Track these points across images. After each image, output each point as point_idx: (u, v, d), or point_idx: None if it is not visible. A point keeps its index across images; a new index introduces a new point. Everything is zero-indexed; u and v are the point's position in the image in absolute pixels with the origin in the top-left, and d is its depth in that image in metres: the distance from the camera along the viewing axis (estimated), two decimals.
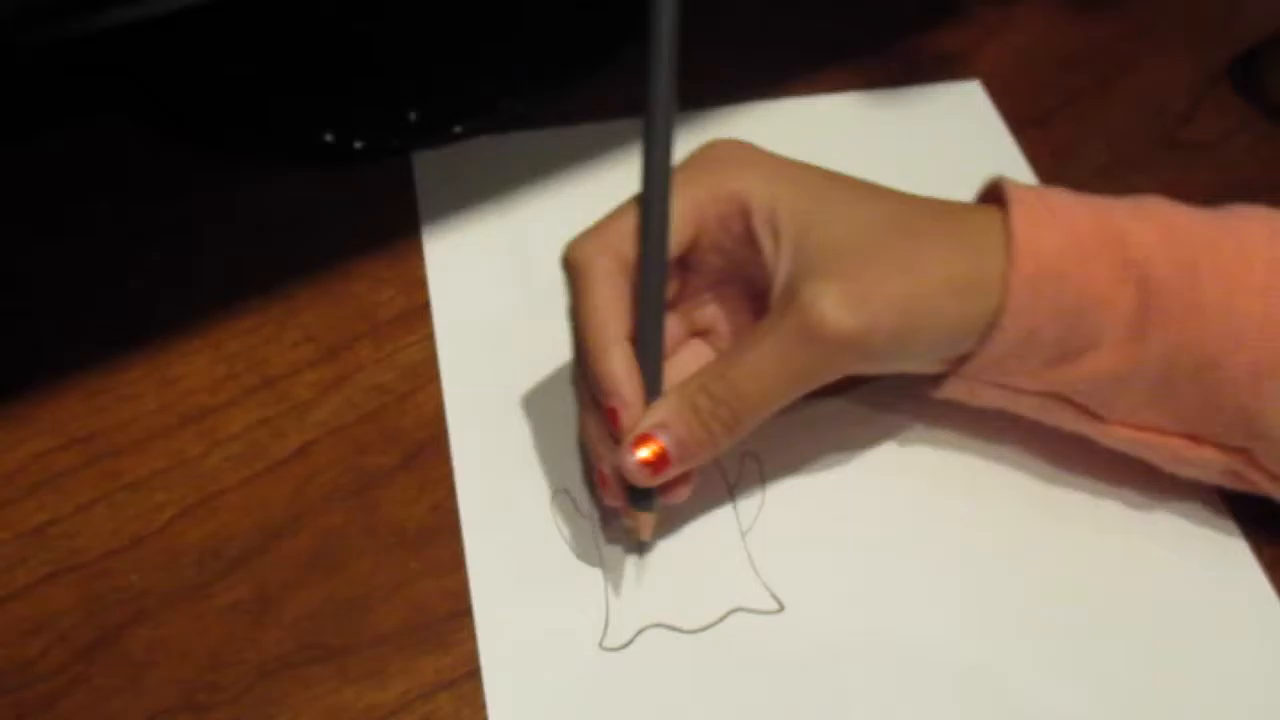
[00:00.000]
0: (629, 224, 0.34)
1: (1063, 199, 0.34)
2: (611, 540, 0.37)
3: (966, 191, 0.37)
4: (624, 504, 0.35)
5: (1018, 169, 0.49)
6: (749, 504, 0.39)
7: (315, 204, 0.46)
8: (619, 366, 0.33)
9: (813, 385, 0.33)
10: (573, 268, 0.34)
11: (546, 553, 0.37)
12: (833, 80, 0.52)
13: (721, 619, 0.36)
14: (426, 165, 0.48)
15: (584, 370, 0.34)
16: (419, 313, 0.43)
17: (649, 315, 0.33)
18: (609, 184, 0.45)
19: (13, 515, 0.38)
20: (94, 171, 0.47)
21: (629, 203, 0.35)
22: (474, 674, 0.35)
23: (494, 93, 0.50)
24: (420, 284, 0.44)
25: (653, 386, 0.34)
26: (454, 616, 0.36)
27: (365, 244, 0.45)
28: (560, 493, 0.38)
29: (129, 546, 0.37)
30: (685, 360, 0.37)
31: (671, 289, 0.36)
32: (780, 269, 0.33)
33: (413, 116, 0.49)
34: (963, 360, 0.35)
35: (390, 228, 0.46)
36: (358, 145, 0.48)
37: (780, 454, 0.39)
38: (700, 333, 0.39)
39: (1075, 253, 0.33)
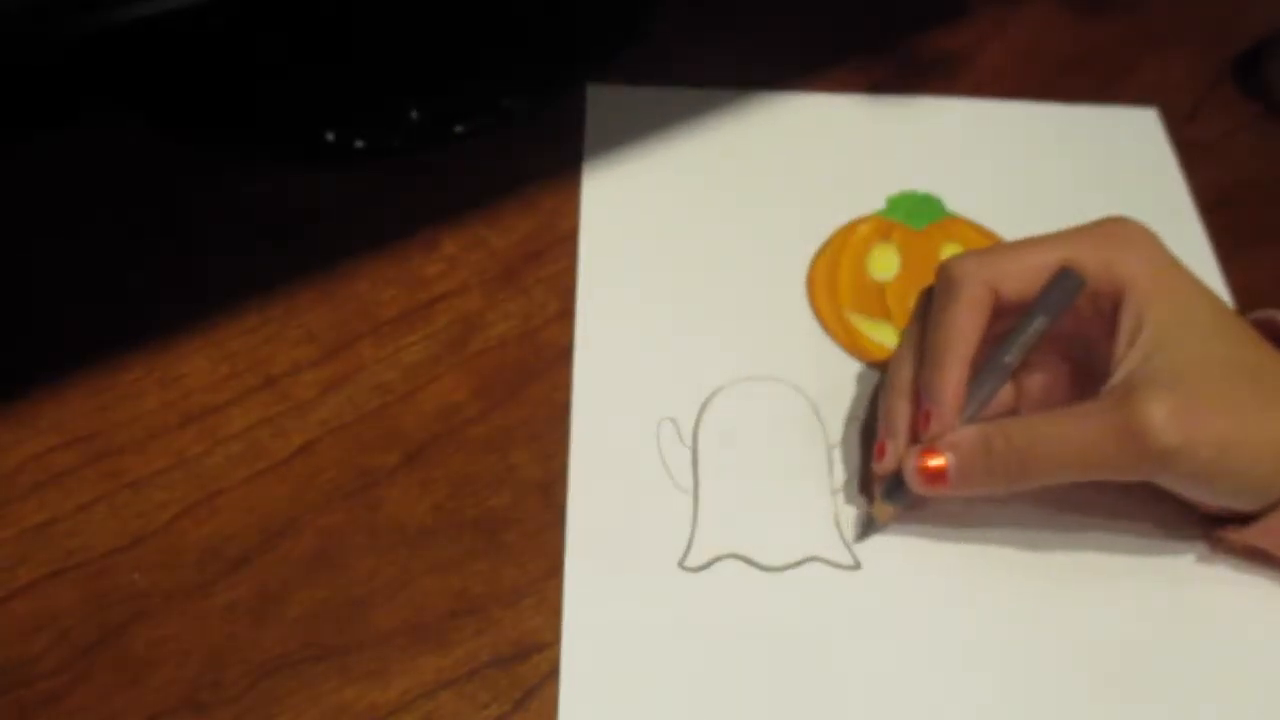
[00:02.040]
0: (1013, 264, 0.36)
1: None
2: (710, 472, 0.39)
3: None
4: (880, 484, 0.38)
5: (1179, 201, 0.49)
6: (845, 465, 0.40)
7: (316, 204, 0.46)
8: (953, 381, 0.36)
9: (1104, 477, 0.35)
10: (950, 279, 0.37)
11: (644, 470, 0.39)
12: (833, 80, 0.53)
13: (798, 564, 0.38)
14: (598, 96, 0.50)
15: (923, 369, 0.37)
16: (420, 312, 0.43)
17: (1011, 357, 0.36)
18: (755, 144, 0.50)
19: (14, 514, 0.38)
20: (94, 171, 0.47)
21: (1018, 243, 0.37)
22: (475, 673, 0.35)
23: (494, 93, 0.50)
24: (422, 283, 0.44)
25: (972, 414, 0.36)
26: (455, 616, 0.36)
27: (366, 243, 0.45)
28: (666, 420, 0.40)
29: (130, 545, 0.37)
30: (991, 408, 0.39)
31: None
32: (1124, 365, 0.35)
33: (413, 116, 0.49)
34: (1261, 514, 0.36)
35: (391, 227, 0.46)
36: (358, 145, 0.48)
37: None
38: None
39: None
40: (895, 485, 0.37)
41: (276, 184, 0.47)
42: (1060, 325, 0.37)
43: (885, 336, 0.44)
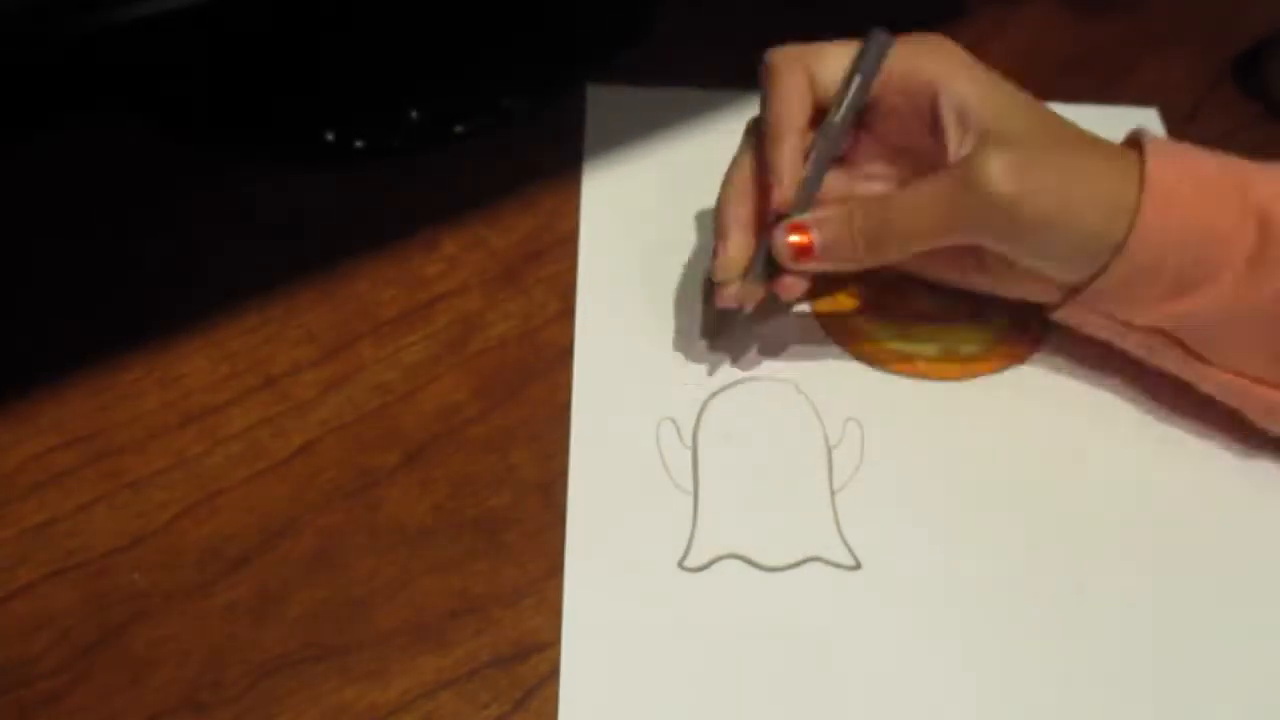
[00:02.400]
0: (830, 50, 0.39)
1: (1194, 149, 0.38)
2: (710, 473, 0.39)
3: None
4: (724, 277, 0.39)
5: None
6: (845, 466, 0.40)
7: (316, 204, 0.46)
8: (787, 151, 0.38)
9: (954, 238, 0.37)
10: (770, 69, 0.39)
11: (644, 470, 0.39)
12: None
13: (798, 564, 0.38)
14: (598, 96, 0.50)
15: (764, 154, 0.39)
16: (420, 312, 0.43)
17: (836, 131, 0.39)
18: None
19: (14, 514, 0.38)
20: (94, 171, 0.47)
21: (834, 44, 0.39)
22: (475, 673, 0.35)
23: (494, 93, 0.50)
24: (422, 283, 0.44)
25: (809, 196, 0.39)
26: (455, 615, 0.36)
27: (366, 243, 0.45)
28: (666, 420, 0.40)
29: (130, 545, 0.37)
30: (837, 187, 0.41)
31: (846, 144, 0.41)
32: (964, 144, 0.37)
33: (413, 116, 0.49)
34: (1082, 288, 0.38)
35: (391, 227, 0.46)
36: (358, 145, 0.48)
37: (883, 426, 0.41)
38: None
39: (1201, 191, 0.36)
40: (763, 264, 0.39)
41: (276, 184, 0.47)
42: (890, 138, 0.40)
43: (887, 337, 0.44)
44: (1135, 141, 0.39)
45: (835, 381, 0.42)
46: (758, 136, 0.40)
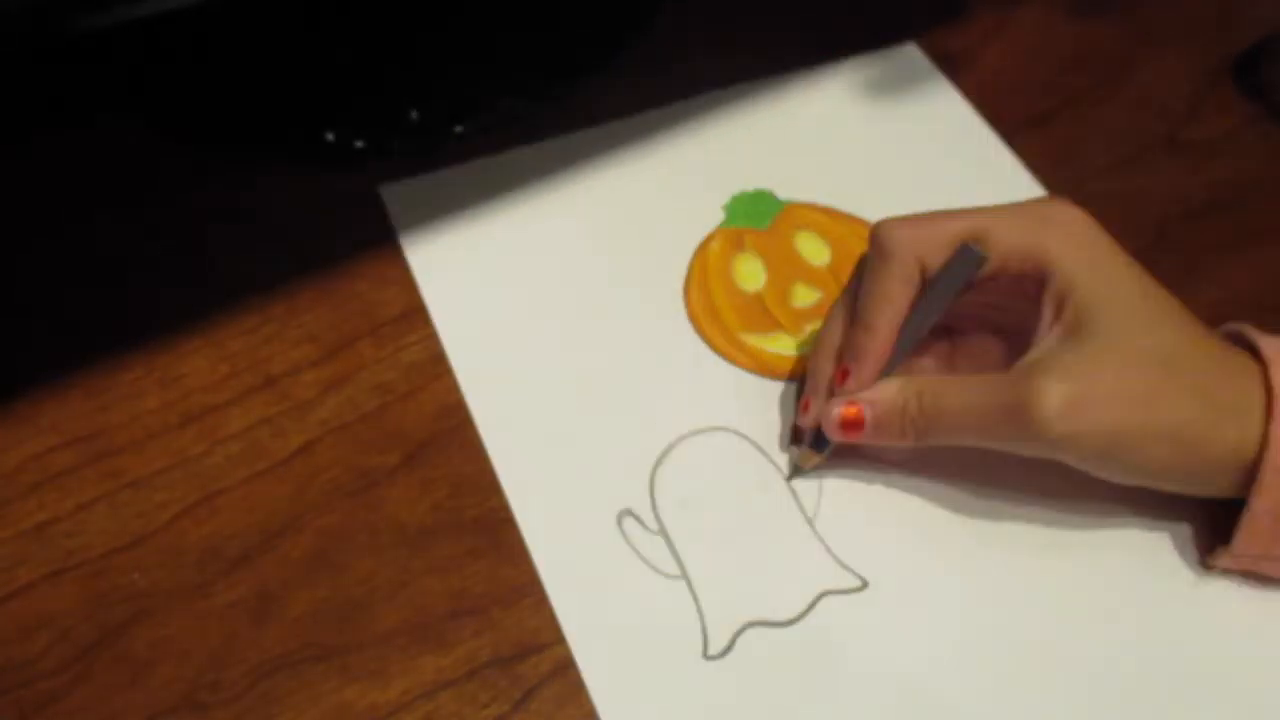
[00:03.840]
0: (942, 234, 0.37)
1: None
2: (690, 550, 0.38)
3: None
4: (807, 432, 0.39)
5: (968, 120, 0.51)
6: (809, 491, 0.40)
7: (316, 204, 0.46)
8: (875, 348, 0.37)
9: (1001, 448, 0.36)
10: (879, 248, 0.37)
11: (622, 565, 0.37)
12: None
13: (811, 606, 0.37)
14: (393, 196, 0.47)
15: (851, 328, 0.38)
16: (420, 312, 0.43)
17: (920, 325, 0.38)
18: (586, 190, 0.47)
19: (14, 514, 0.38)
20: (94, 171, 0.47)
21: (951, 213, 0.37)
22: (475, 673, 0.35)
23: (494, 93, 0.50)
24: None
25: (886, 372, 0.38)
26: (455, 616, 0.36)
27: (366, 243, 0.45)
28: (623, 513, 0.39)
29: (130, 545, 0.37)
30: (923, 361, 0.41)
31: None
32: (1041, 343, 0.36)
33: (413, 116, 0.49)
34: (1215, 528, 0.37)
35: (392, 227, 0.46)
36: (358, 145, 0.48)
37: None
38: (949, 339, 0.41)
39: None
40: (819, 435, 0.39)
41: (276, 184, 0.47)
42: (996, 294, 0.38)
43: (785, 346, 0.43)
44: (1244, 339, 0.37)
45: (760, 408, 0.41)
46: (851, 300, 0.39)
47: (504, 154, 0.48)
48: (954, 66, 0.53)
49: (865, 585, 0.38)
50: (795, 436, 0.40)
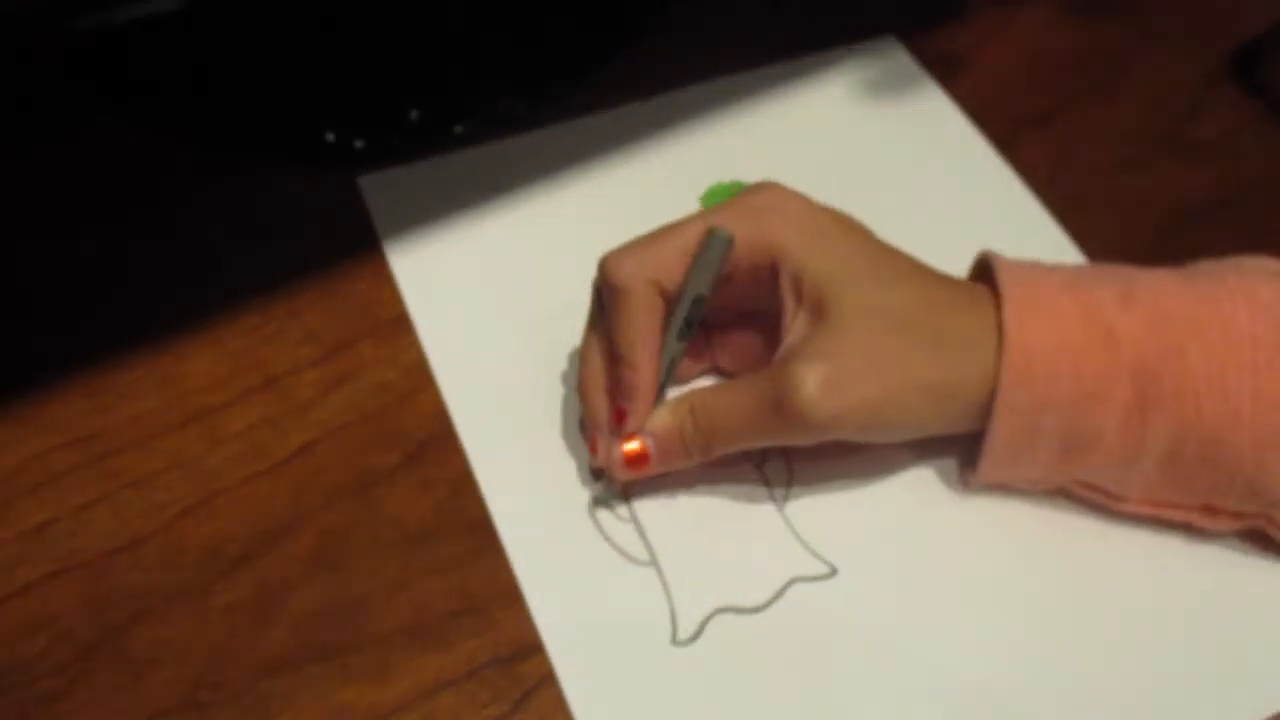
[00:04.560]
0: (669, 251, 0.37)
1: (1051, 291, 0.36)
2: (660, 537, 0.38)
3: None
4: (608, 468, 0.38)
5: (947, 113, 0.51)
6: (778, 478, 0.40)
7: (316, 204, 0.46)
8: (643, 384, 0.37)
9: (781, 443, 0.38)
10: (614, 287, 0.37)
11: (595, 559, 0.38)
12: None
13: (781, 592, 0.37)
14: (373, 188, 0.47)
15: (614, 369, 0.38)
16: None
17: (682, 332, 0.37)
18: (565, 186, 0.47)
19: (14, 514, 0.38)
20: (94, 172, 0.47)
21: (668, 229, 0.37)
22: (475, 673, 0.35)
23: (494, 93, 0.50)
24: None
25: (661, 391, 0.38)
26: (455, 615, 0.36)
27: (366, 243, 0.45)
28: (595, 502, 0.39)
29: (130, 545, 0.37)
30: (695, 367, 0.41)
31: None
32: (792, 329, 0.36)
33: (413, 116, 0.49)
34: (974, 451, 0.37)
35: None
36: (358, 145, 0.48)
37: None
38: (715, 349, 0.41)
39: (1067, 350, 0.35)
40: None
41: (276, 184, 0.47)
42: (738, 289, 0.38)
43: None
44: (988, 272, 0.37)
45: None
46: (603, 334, 0.38)
47: (483, 146, 0.48)
48: (954, 67, 0.53)
49: (834, 572, 0.38)
50: (596, 474, 0.39)
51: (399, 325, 0.43)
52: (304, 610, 0.36)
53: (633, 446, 0.37)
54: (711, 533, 0.38)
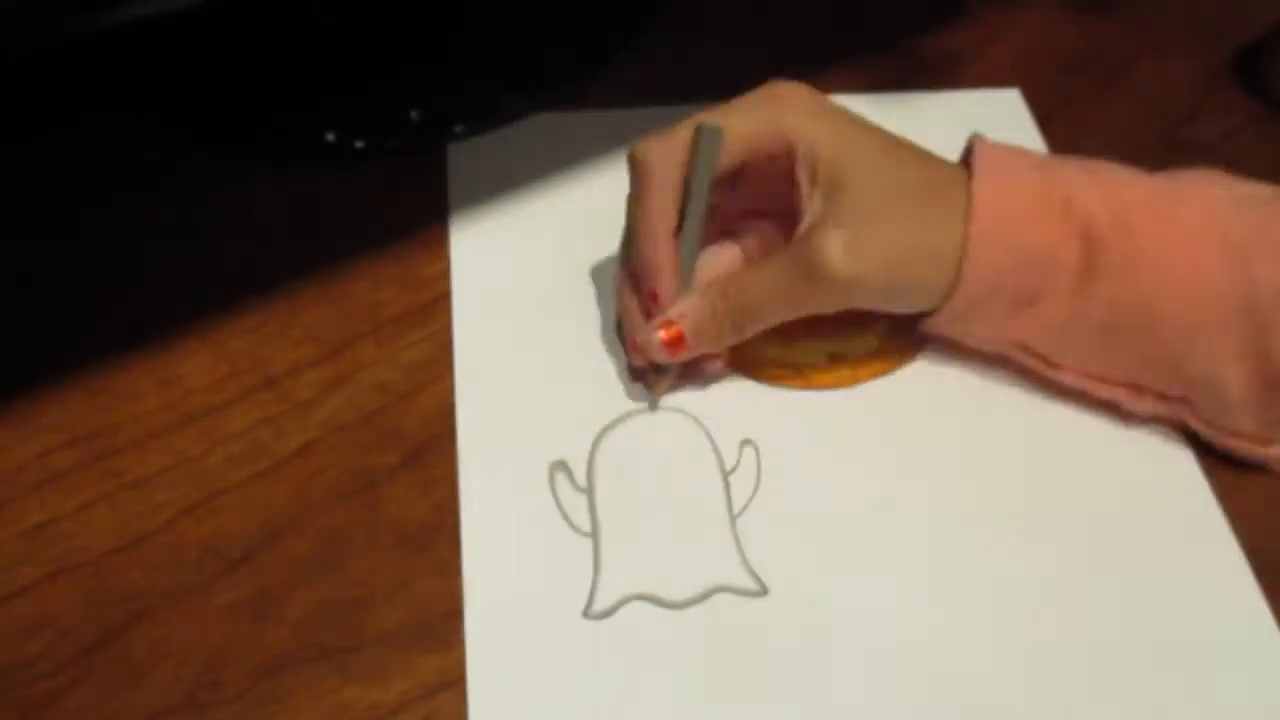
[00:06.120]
0: (684, 134, 0.39)
1: (1018, 165, 0.39)
2: (608, 513, 0.39)
3: None
4: (647, 363, 0.41)
5: None
6: (743, 490, 0.40)
7: (316, 204, 0.46)
8: (664, 259, 0.39)
9: (808, 311, 0.39)
10: (638, 167, 0.39)
11: (539, 518, 0.38)
12: (835, 80, 0.52)
13: (704, 596, 0.37)
14: (459, 156, 0.48)
15: (633, 255, 0.40)
16: (421, 312, 0.43)
17: (693, 220, 0.39)
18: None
19: (14, 514, 0.38)
20: (94, 172, 0.47)
21: (688, 120, 0.39)
22: None
23: (494, 93, 0.50)
24: (422, 283, 0.44)
25: (686, 279, 0.40)
26: (455, 616, 0.36)
27: (367, 243, 0.45)
28: (558, 464, 0.39)
29: (131, 545, 0.37)
30: (720, 261, 0.42)
31: (717, 201, 0.41)
32: (809, 210, 0.38)
33: (413, 116, 0.49)
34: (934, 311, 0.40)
35: (392, 227, 0.46)
36: (358, 145, 0.48)
37: (778, 444, 0.41)
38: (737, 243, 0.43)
39: (1028, 212, 0.38)
40: (658, 364, 0.40)
41: (276, 184, 0.47)
42: (760, 194, 0.41)
43: (775, 352, 0.42)
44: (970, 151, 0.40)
45: (727, 403, 0.41)
46: (632, 223, 0.40)
47: (555, 113, 0.50)
48: (954, 66, 0.53)
49: (765, 592, 0.37)
50: (635, 375, 0.42)
51: (399, 325, 0.43)
52: (304, 610, 0.36)
53: (668, 329, 0.39)
54: (659, 524, 0.39)
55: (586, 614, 0.36)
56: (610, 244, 0.43)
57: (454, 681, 0.35)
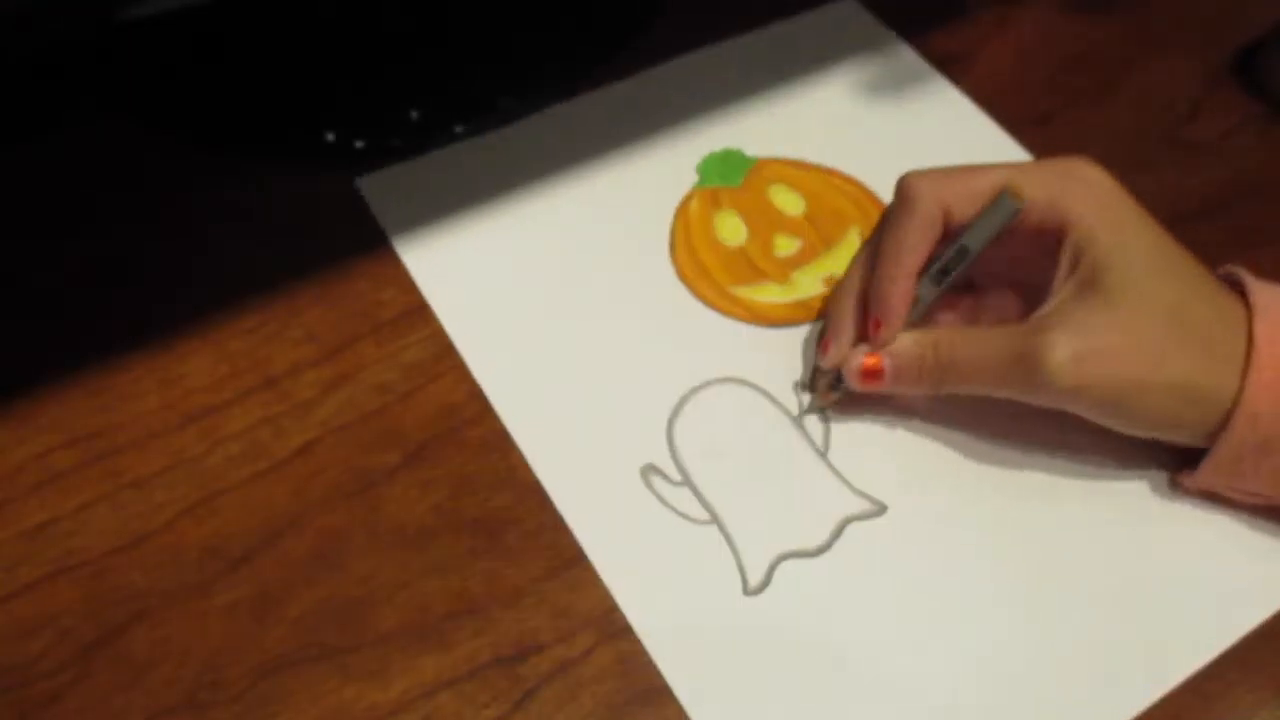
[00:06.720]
0: (963, 188, 0.38)
1: None
2: (714, 495, 0.39)
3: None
4: (824, 373, 0.41)
5: (916, 66, 0.53)
6: (815, 428, 0.41)
7: (316, 204, 0.46)
8: (899, 299, 0.39)
9: (1014, 397, 0.38)
10: (905, 196, 0.39)
11: (655, 523, 0.39)
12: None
13: (837, 533, 0.39)
14: (373, 188, 0.47)
15: (873, 279, 0.39)
16: (421, 312, 0.43)
17: (952, 274, 0.39)
18: (562, 169, 0.48)
19: (14, 514, 0.38)
20: (94, 172, 0.47)
21: (973, 168, 0.39)
22: (475, 673, 0.35)
23: (494, 93, 0.50)
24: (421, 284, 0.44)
25: (912, 318, 0.40)
26: (455, 616, 0.36)
27: (367, 243, 0.45)
28: (647, 468, 0.40)
29: (130, 545, 0.37)
30: (946, 317, 0.42)
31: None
32: (1055, 296, 0.37)
33: (413, 116, 0.49)
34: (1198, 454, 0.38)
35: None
36: (358, 145, 0.48)
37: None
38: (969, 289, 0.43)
39: None
40: (838, 377, 0.41)
41: (276, 184, 0.47)
42: (1017, 249, 0.39)
43: (774, 295, 0.45)
44: (1238, 285, 0.38)
45: (758, 356, 0.43)
46: (872, 251, 0.40)
47: (476, 140, 0.49)
48: (954, 66, 0.53)
49: (884, 509, 0.39)
50: (810, 383, 0.42)
51: (399, 325, 0.43)
52: (304, 610, 0.36)
53: (872, 359, 0.39)
54: (763, 485, 0.40)
55: (746, 591, 0.37)
56: (607, 246, 0.44)
57: (454, 681, 0.35)
